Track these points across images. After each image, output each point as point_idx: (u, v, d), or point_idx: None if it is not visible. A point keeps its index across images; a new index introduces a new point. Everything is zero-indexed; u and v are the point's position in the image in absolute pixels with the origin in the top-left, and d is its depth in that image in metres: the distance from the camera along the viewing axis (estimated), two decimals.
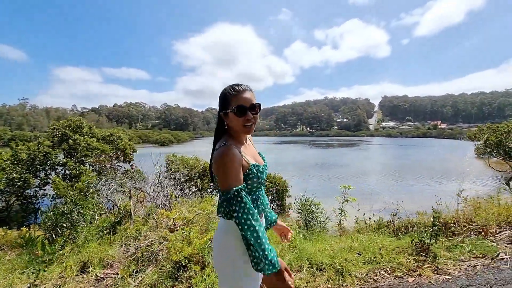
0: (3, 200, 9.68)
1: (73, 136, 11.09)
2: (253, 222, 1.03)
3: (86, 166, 11.31)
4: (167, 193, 4.92)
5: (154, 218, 3.60)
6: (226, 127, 1.18)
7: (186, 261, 2.45)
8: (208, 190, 11.23)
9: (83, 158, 11.25)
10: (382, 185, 16.10)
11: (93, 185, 8.05)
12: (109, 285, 2.55)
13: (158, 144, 66.59)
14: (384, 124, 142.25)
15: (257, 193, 1.20)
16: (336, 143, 72.07)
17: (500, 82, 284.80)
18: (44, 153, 10.45)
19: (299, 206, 3.64)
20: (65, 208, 3.32)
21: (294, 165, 25.48)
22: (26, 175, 9.82)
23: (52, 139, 11.54)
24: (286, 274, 1.06)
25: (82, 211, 3.45)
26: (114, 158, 13.14)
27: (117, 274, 2.71)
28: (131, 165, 11.93)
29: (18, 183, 9.67)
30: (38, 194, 10.29)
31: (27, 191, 10.10)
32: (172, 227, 3.30)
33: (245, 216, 1.03)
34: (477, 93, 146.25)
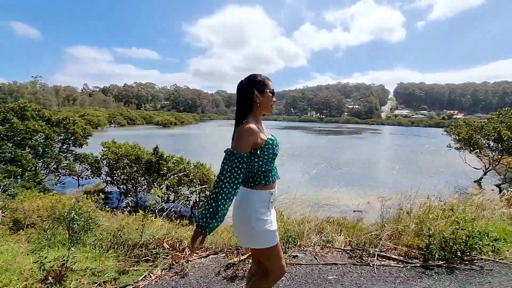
0: None
1: (12, 120, 11.27)
2: (227, 182, 1.26)
3: (26, 150, 11.55)
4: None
5: None
6: (258, 105, 1.42)
7: None
8: (140, 178, 11.27)
9: (23, 142, 11.47)
10: (336, 177, 15.60)
11: None
12: None
13: (160, 125, 67.43)
14: (397, 112, 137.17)
15: (272, 165, 1.44)
16: (338, 130, 70.53)
17: None
18: None
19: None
20: None
21: None
22: None
23: None
24: (199, 239, 1.30)
25: None
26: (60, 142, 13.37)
27: None
28: None
29: None
30: None
31: None
32: None
33: (225, 173, 1.26)
34: (500, 82, 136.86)
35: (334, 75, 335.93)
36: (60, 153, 13.47)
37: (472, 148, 15.56)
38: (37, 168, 11.84)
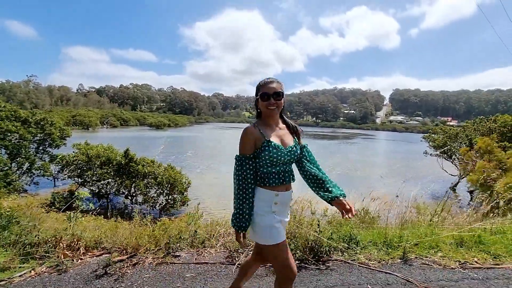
0: None
1: None
2: (238, 185, 1.40)
3: None
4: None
5: None
6: (259, 110, 1.52)
7: None
8: (109, 180, 11.36)
9: None
10: None
11: None
12: None
13: (153, 127, 67.46)
14: (392, 118, 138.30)
15: (274, 168, 1.46)
16: (333, 135, 70.97)
17: None
18: None
19: None
20: None
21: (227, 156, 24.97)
22: None
23: None
24: (241, 236, 1.44)
25: None
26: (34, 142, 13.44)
27: None
28: None
29: None
30: None
31: None
32: None
33: (236, 178, 1.41)
34: (494, 90, 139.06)
35: (330, 80, 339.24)
36: (37, 154, 13.53)
37: (447, 155, 15.87)
38: (10, 168, 11.89)
